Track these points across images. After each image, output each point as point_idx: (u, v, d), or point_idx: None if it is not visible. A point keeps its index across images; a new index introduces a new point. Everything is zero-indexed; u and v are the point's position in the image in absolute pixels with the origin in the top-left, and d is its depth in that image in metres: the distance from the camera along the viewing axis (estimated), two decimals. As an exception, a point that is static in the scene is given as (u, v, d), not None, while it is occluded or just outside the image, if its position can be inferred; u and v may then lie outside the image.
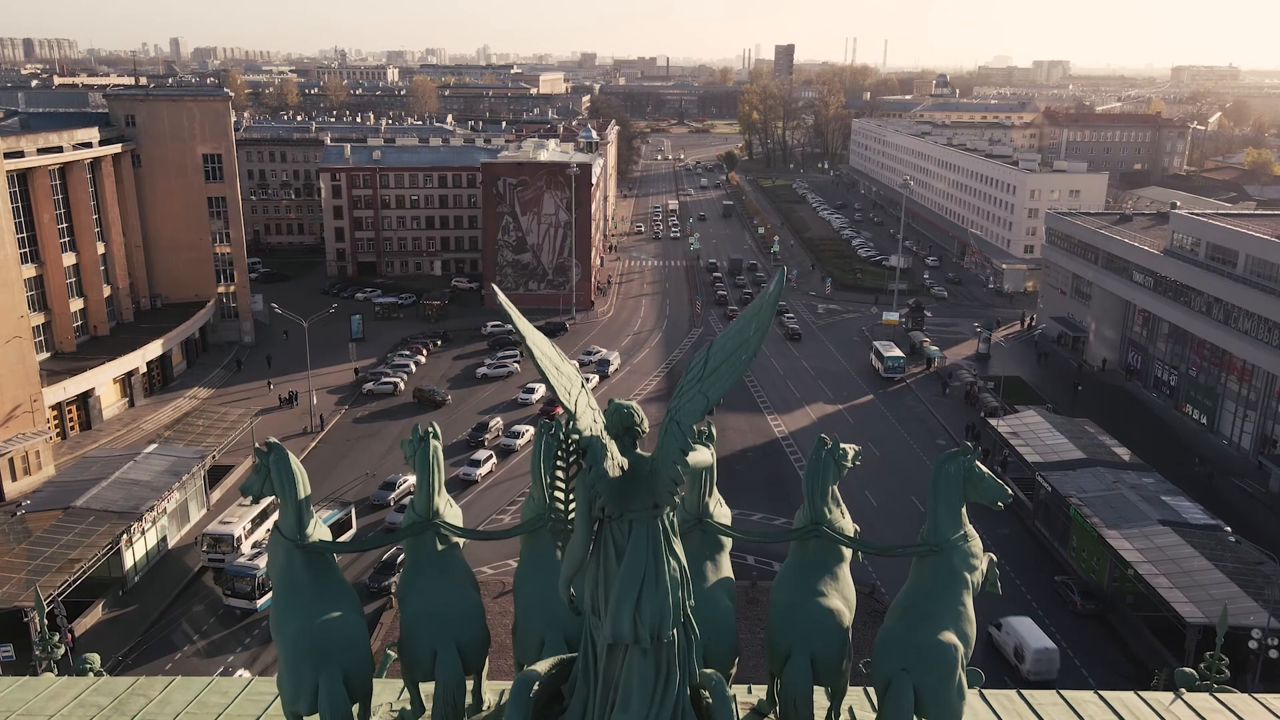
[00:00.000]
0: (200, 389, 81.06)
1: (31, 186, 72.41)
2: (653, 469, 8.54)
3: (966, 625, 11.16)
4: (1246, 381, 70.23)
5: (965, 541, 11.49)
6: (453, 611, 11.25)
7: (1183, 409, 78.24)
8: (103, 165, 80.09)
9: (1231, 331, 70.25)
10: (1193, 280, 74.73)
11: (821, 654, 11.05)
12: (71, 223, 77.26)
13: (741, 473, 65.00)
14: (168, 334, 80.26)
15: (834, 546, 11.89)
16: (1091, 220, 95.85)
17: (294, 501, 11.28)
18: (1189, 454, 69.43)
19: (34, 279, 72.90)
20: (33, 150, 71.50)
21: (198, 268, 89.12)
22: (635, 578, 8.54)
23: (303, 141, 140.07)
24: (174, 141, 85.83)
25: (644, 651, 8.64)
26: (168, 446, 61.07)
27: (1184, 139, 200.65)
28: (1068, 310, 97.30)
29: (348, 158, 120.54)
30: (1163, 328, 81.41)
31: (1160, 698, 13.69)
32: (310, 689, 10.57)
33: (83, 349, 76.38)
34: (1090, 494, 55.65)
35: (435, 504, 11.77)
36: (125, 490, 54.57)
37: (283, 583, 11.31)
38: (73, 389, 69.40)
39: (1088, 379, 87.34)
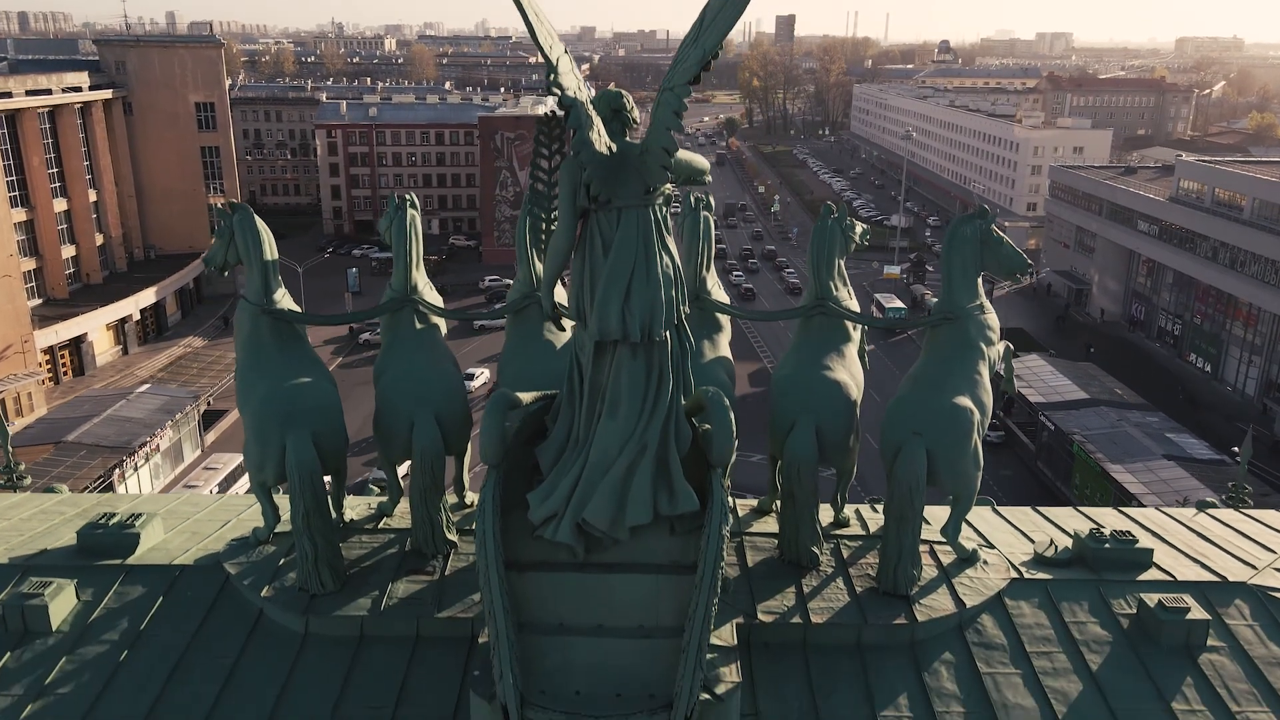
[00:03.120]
0: (195, 338, 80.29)
1: (20, 129, 71.36)
2: (644, 148, 7.73)
3: (983, 394, 10.42)
4: (1252, 326, 69.49)
5: (981, 312, 10.75)
6: (431, 383, 10.50)
7: (1186, 357, 77.57)
8: (93, 111, 78.96)
9: (1238, 276, 69.46)
10: (1199, 226, 73.83)
11: (827, 425, 10.32)
12: (62, 168, 76.31)
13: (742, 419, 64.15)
14: (161, 282, 79.42)
15: (840, 324, 11.15)
16: (1096, 173, 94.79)
17: (260, 264, 10.51)
18: (1192, 399, 68.81)
19: (24, 224, 72.01)
20: (21, 91, 70.40)
21: (192, 218, 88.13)
22: (624, 269, 7.74)
23: (298, 100, 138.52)
24: (166, 89, 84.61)
25: (633, 351, 7.86)
26: (161, 387, 60.44)
27: (1188, 104, 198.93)
28: (1070, 264, 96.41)
29: (344, 114, 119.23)
30: (1167, 277, 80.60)
31: (1183, 512, 12.97)
32: (277, 451, 9.84)
33: (75, 296, 75.65)
34: (1094, 431, 55.02)
35: (413, 279, 10.99)
36: (118, 426, 53.92)
37: (249, 351, 10.56)
38: (65, 333, 68.66)
39: (1087, 330, 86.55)
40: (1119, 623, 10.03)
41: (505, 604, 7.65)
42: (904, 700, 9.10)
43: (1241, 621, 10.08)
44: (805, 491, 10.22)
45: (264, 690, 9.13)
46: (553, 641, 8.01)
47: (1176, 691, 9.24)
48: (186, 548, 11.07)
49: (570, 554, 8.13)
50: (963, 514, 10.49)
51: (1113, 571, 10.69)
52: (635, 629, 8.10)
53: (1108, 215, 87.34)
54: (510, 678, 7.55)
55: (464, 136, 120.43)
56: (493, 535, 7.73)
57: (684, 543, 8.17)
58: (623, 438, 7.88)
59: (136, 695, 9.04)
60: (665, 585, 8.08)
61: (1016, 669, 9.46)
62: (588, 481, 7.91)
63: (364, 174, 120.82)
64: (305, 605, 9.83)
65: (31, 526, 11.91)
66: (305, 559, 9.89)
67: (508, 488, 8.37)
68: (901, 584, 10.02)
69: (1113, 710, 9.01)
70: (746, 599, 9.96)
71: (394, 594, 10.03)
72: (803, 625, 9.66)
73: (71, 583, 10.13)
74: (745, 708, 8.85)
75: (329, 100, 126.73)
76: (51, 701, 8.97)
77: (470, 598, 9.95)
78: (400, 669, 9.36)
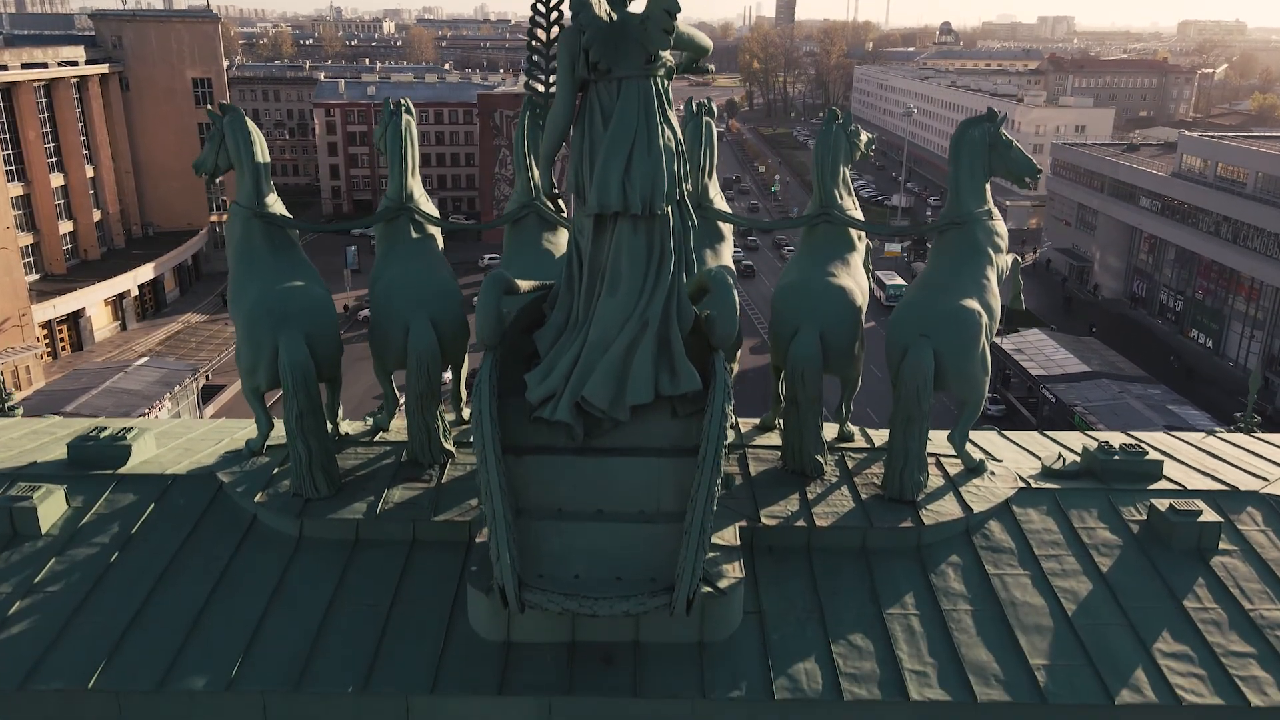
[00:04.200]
0: (193, 315, 79.99)
1: (16, 103, 70.87)
2: (646, 15, 7.48)
3: (991, 299, 10.20)
4: (1254, 301, 69.12)
5: (989, 218, 10.51)
6: (427, 287, 10.27)
7: (1187, 333, 77.22)
8: (89, 85, 78.43)
9: (1241, 250, 69.07)
10: (1202, 201, 73.35)
11: (831, 331, 10.09)
12: (59, 143, 75.84)
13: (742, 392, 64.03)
14: (160, 258, 79.10)
15: (844, 233, 10.92)
16: (1099, 150, 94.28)
17: (251, 167, 10.29)
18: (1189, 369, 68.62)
19: (21, 198, 71.61)
20: (16, 65, 69.87)
21: (190, 195, 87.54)
22: (624, 140, 7.51)
23: (296, 80, 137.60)
24: (162, 64, 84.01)
25: (634, 226, 7.63)
26: (159, 360, 60.18)
27: (1190, 86, 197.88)
28: (1072, 241, 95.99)
29: (342, 93, 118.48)
30: (1169, 253, 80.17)
31: (1192, 435, 12.77)
32: (269, 352, 9.62)
33: (73, 272, 75.34)
34: (1095, 403, 54.75)
35: (409, 186, 10.76)
36: (116, 398, 53.60)
37: (240, 256, 10.34)
38: (62, 307, 68.40)
39: (1088, 307, 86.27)
40: (1129, 528, 9.84)
41: (502, 484, 7.46)
42: (910, 599, 8.92)
43: (1254, 527, 9.89)
44: (809, 396, 10.00)
45: (257, 590, 8.95)
46: (551, 526, 7.83)
47: (1188, 591, 9.05)
48: (179, 460, 10.88)
49: (569, 437, 7.94)
50: (970, 420, 10.29)
51: (1122, 482, 10.49)
52: (636, 514, 7.92)
53: (1110, 192, 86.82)
54: (508, 559, 7.37)
55: (463, 115, 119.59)
56: (489, 414, 7.53)
57: (686, 426, 7.98)
58: (623, 315, 7.67)
59: (127, 594, 8.85)
60: (666, 469, 7.90)
61: (1025, 570, 9.28)
62: (587, 360, 7.71)
63: (363, 153, 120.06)
64: (299, 509, 9.65)
65: (21, 444, 11.72)
66: (299, 462, 9.69)
67: (505, 376, 8.17)
68: (908, 489, 9.83)
69: (1124, 609, 8.83)
70: (749, 505, 9.77)
71: (390, 499, 9.84)
72: (807, 529, 9.47)
73: (61, 488, 9.94)
74: (748, 605, 8.68)
75: (327, 79, 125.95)
76: (40, 599, 8.79)
77: (468, 503, 9.77)
78: (396, 571, 9.18)
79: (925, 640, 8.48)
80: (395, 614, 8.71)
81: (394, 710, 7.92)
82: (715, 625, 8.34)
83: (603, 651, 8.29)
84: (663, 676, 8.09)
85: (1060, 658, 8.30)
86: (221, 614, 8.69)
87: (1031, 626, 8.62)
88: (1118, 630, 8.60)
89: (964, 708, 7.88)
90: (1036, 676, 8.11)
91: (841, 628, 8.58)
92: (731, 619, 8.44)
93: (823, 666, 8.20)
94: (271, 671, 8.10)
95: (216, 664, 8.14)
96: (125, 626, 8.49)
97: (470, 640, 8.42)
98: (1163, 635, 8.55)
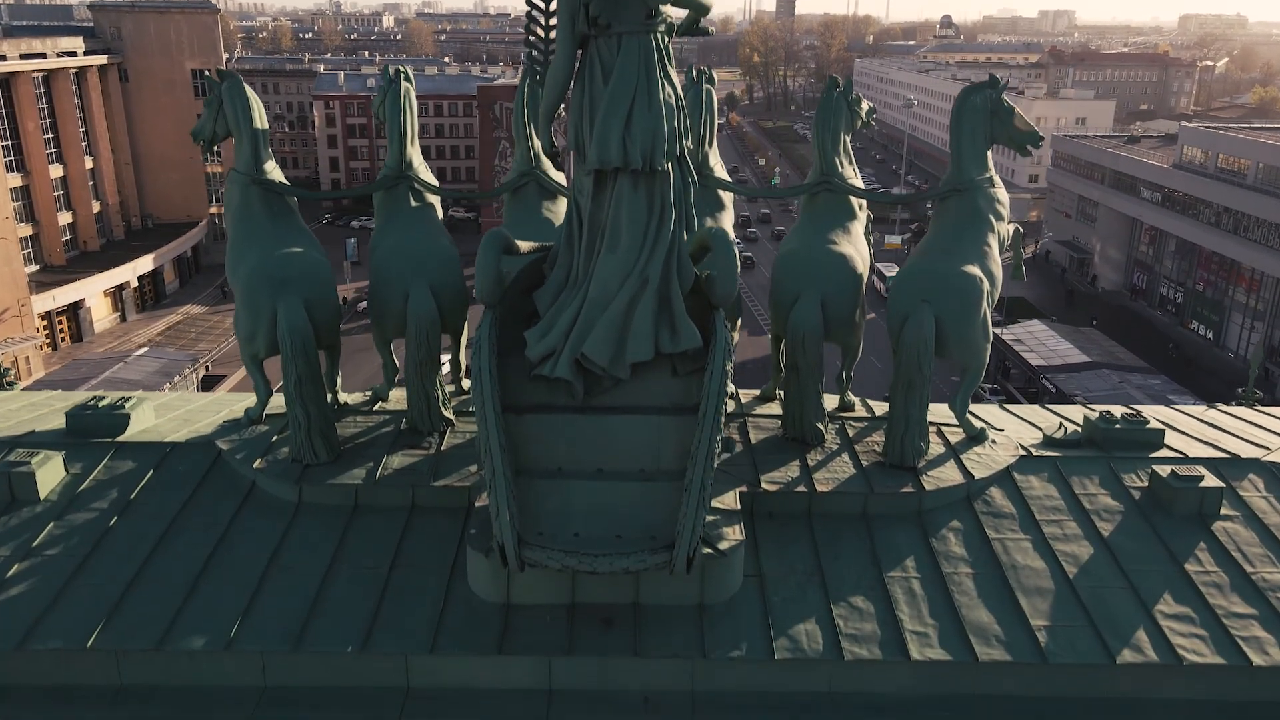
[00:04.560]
0: (193, 306, 79.88)
1: (15, 93, 70.66)
2: None
3: (992, 265, 10.17)
4: (1255, 292, 69.09)
5: (991, 185, 10.47)
6: (426, 254, 10.23)
7: (1188, 325, 77.19)
8: (88, 76, 78.18)
9: (1242, 241, 69.02)
10: (1203, 192, 73.25)
11: (832, 298, 10.05)
12: (58, 133, 75.56)
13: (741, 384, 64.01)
14: (159, 250, 78.96)
15: (845, 201, 10.88)
16: (1099, 141, 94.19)
17: (250, 133, 10.24)
18: (1193, 365, 68.56)
19: (20, 189, 71.41)
20: (15, 55, 69.65)
21: (189, 187, 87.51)
22: (625, 96, 7.46)
23: (296, 73, 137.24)
24: (162, 55, 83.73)
25: (634, 183, 7.59)
26: (159, 350, 60.14)
27: (1191, 79, 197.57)
28: (1072, 233, 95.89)
29: (341, 86, 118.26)
30: (1169, 244, 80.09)
31: (1194, 408, 12.75)
32: (268, 318, 9.58)
33: (73, 263, 75.12)
34: (1095, 393, 54.63)
35: (408, 154, 10.72)
36: (115, 388, 53.49)
37: (239, 223, 10.31)
38: (62, 298, 68.21)
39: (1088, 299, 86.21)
40: (1130, 495, 9.82)
41: (502, 441, 7.42)
42: (910, 563, 8.90)
43: (1256, 493, 9.86)
44: (810, 363, 9.97)
45: (256, 553, 8.92)
46: (551, 484, 7.81)
47: (1190, 554, 9.03)
48: (177, 430, 10.85)
49: (569, 396, 7.90)
50: (971, 387, 10.26)
51: (1124, 450, 10.47)
52: (636, 472, 7.90)
53: (1110, 184, 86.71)
54: (507, 516, 7.35)
55: (463, 108, 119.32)
56: (489, 371, 7.49)
57: (686, 384, 7.95)
58: (624, 271, 7.63)
59: (125, 557, 8.83)
60: (667, 427, 7.87)
61: (1026, 535, 9.26)
62: (587, 317, 7.68)
63: (362, 146, 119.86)
64: (298, 475, 9.62)
65: (20, 415, 11.70)
66: (298, 428, 9.66)
67: (505, 336, 8.14)
68: (909, 455, 9.80)
69: (1125, 571, 8.80)
70: (750, 471, 9.75)
71: (389, 466, 9.81)
72: (807, 494, 9.44)
73: (59, 454, 9.91)
74: (748, 569, 8.65)
75: (327, 72, 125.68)
76: (39, 562, 8.76)
77: (467, 469, 9.75)
78: (395, 535, 9.15)
79: (926, 602, 8.46)
80: (395, 577, 8.68)
81: (394, 670, 7.90)
82: (715, 587, 8.32)
83: (603, 613, 8.27)
84: (663, 637, 8.07)
85: (1061, 619, 8.28)
86: (220, 576, 8.66)
87: (1032, 589, 8.60)
88: (1119, 592, 8.57)
89: (965, 667, 7.86)
90: (1038, 637, 8.08)
91: (842, 590, 8.56)
92: (732, 581, 8.42)
93: (823, 628, 8.18)
94: (270, 632, 8.08)
95: (215, 624, 8.12)
96: (124, 588, 8.47)
97: (470, 602, 8.40)
98: (1164, 597, 8.52)
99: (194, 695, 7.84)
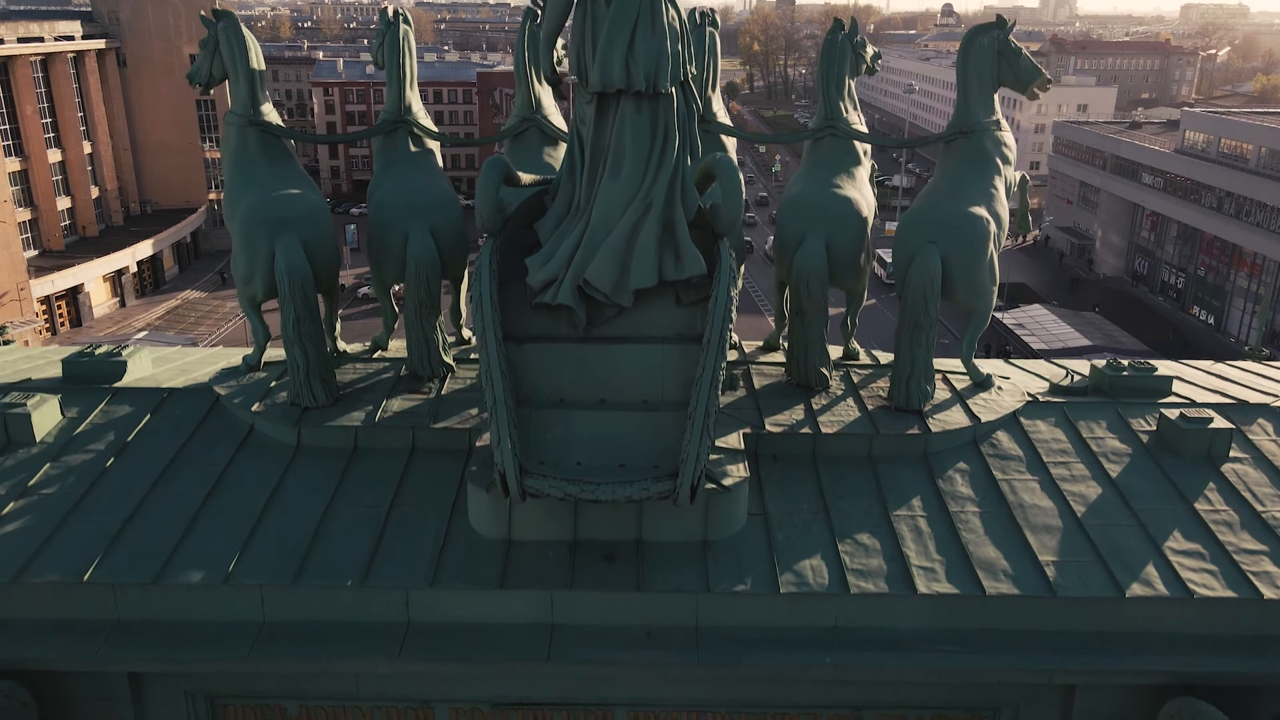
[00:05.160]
0: (192, 292, 79.70)
1: (13, 77, 70.33)
2: None
3: (999, 207, 10.02)
4: (1256, 276, 68.94)
5: (998, 128, 10.32)
6: (426, 196, 10.09)
7: (1189, 310, 77.03)
8: (86, 61, 77.81)
9: (1244, 225, 68.85)
10: (1205, 176, 73.02)
11: (837, 240, 9.92)
12: (56, 118, 75.24)
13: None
14: (158, 235, 78.76)
15: (849, 147, 10.74)
16: (1101, 128, 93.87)
17: (246, 73, 10.09)
18: (1195, 351, 68.47)
19: (19, 174, 71.16)
20: (13, 39, 69.30)
21: (188, 173, 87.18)
22: (628, 18, 7.33)
23: (295, 60, 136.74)
24: (160, 40, 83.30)
25: (637, 106, 7.46)
26: (158, 334, 60.00)
27: (1193, 67, 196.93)
28: (1074, 220, 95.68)
29: (340, 73, 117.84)
30: (1171, 230, 79.88)
31: (1201, 363, 12.64)
32: (265, 258, 9.45)
33: (72, 248, 74.87)
34: (1097, 376, 54.58)
35: (407, 98, 10.56)
36: (114, 371, 53.53)
37: (236, 165, 10.16)
38: (61, 283, 68.02)
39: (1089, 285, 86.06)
40: (1138, 438, 9.71)
41: (502, 367, 7.31)
42: (917, 502, 8.80)
43: (1265, 437, 9.76)
44: (815, 306, 9.85)
45: (254, 493, 8.82)
46: (554, 414, 7.70)
47: (1199, 494, 8.93)
48: (174, 379, 10.74)
49: (570, 326, 7.79)
50: (977, 332, 10.14)
51: (1131, 397, 10.35)
52: (639, 403, 7.79)
53: (1112, 169, 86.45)
54: (509, 444, 7.23)
55: (462, 95, 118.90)
56: (489, 296, 7.38)
57: (690, 314, 7.83)
58: (627, 196, 7.51)
59: (122, 496, 8.73)
60: (670, 356, 7.76)
61: (1033, 476, 9.15)
62: (589, 243, 7.55)
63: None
64: (297, 418, 9.51)
65: (16, 365, 11.58)
66: (297, 370, 9.54)
67: (506, 268, 8.02)
68: (914, 398, 9.69)
69: (1133, 510, 8.70)
70: (754, 414, 9.64)
71: (389, 409, 9.70)
72: (812, 436, 9.33)
73: (55, 397, 9.80)
74: (752, 508, 8.56)
75: (326, 59, 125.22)
76: (35, 500, 8.66)
77: (468, 411, 9.63)
78: (395, 477, 9.05)
79: (933, 539, 8.36)
80: (395, 515, 8.58)
81: (394, 603, 7.80)
82: (719, 523, 8.22)
83: (605, 549, 8.17)
84: (666, 572, 7.97)
85: (1070, 554, 8.18)
86: (218, 514, 8.56)
87: (1040, 527, 8.50)
88: (1128, 530, 8.47)
89: (972, 600, 7.77)
90: (1046, 572, 7.99)
91: (848, 528, 8.46)
92: (736, 518, 8.32)
93: (829, 564, 8.08)
94: (269, 567, 7.98)
95: (213, 560, 8.03)
96: (121, 525, 8.37)
97: (471, 539, 8.30)
98: (1173, 535, 8.42)
99: (192, 630, 7.74)
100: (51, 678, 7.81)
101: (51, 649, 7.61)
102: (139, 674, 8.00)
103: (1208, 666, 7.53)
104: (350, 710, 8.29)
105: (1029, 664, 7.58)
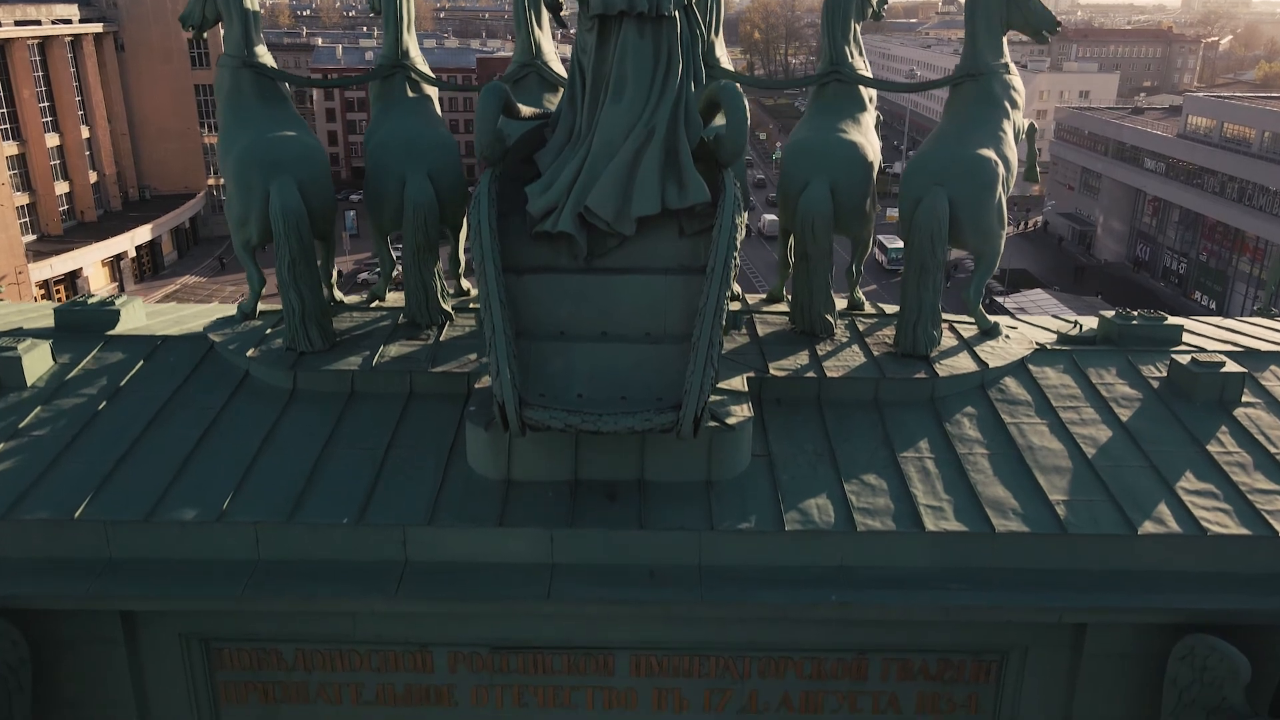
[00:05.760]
0: (191, 277, 79.52)
1: (10, 60, 69.98)
2: None
3: (1007, 150, 9.84)
4: (1259, 261, 68.71)
5: (1006, 72, 10.13)
6: (424, 140, 9.91)
7: (1191, 295, 76.81)
8: (84, 45, 77.41)
9: (1246, 209, 68.59)
10: (1208, 161, 72.72)
11: (842, 184, 9.73)
12: (54, 102, 74.90)
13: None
14: (157, 220, 78.52)
15: (855, 93, 10.55)
16: (1103, 113, 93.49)
17: (240, 14, 9.91)
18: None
19: (16, 158, 70.86)
20: (9, 22, 68.92)
21: (187, 158, 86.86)
22: (630, -63, 7.13)
23: (293, 46, 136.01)
24: (158, 24, 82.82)
25: (640, 30, 7.27)
26: (157, 317, 59.90)
27: (1195, 55, 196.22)
28: (1075, 206, 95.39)
29: (339, 58, 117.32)
30: (1173, 215, 79.61)
31: (1211, 318, 12.49)
32: (260, 200, 9.28)
33: (70, 233, 74.63)
34: (1099, 359, 54.47)
35: (404, 43, 10.37)
36: (113, 354, 53.40)
37: (230, 109, 9.98)
38: (59, 267, 67.82)
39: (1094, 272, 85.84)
40: (1149, 384, 9.55)
41: (501, 297, 7.14)
42: (924, 444, 8.64)
43: (1278, 383, 9.59)
44: (820, 250, 9.67)
45: (249, 435, 8.66)
46: (554, 347, 7.53)
47: (1211, 437, 8.77)
48: (169, 329, 10.57)
49: (571, 257, 7.61)
50: (985, 276, 9.97)
51: (1141, 346, 10.19)
52: (641, 335, 7.62)
53: (1114, 155, 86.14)
54: (508, 374, 7.06)
55: (461, 81, 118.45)
56: (488, 224, 7.21)
57: (693, 245, 7.66)
58: (629, 122, 7.32)
59: (114, 438, 8.57)
60: (673, 288, 7.59)
61: (1042, 419, 9.00)
62: (591, 170, 7.37)
63: (361, 120, 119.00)
64: (293, 362, 9.35)
65: (9, 319, 11.41)
66: (293, 314, 9.37)
67: (506, 199, 7.84)
68: (921, 343, 9.52)
69: (1145, 452, 8.54)
70: (758, 359, 9.47)
71: (386, 354, 9.54)
72: (817, 380, 9.17)
73: (47, 343, 9.63)
74: (756, 449, 8.40)
75: (324, 45, 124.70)
76: (26, 442, 8.50)
77: (467, 357, 9.47)
78: (392, 420, 8.89)
79: (941, 480, 8.20)
80: (391, 457, 8.43)
81: (391, 542, 7.65)
82: (723, 463, 8.06)
83: (607, 489, 8.02)
84: (669, 511, 7.82)
85: (1080, 494, 8.03)
86: (212, 455, 8.41)
87: (1050, 467, 8.34)
88: (1139, 471, 8.32)
89: (981, 538, 7.61)
90: (1056, 510, 7.83)
91: (854, 469, 8.30)
92: (740, 458, 8.16)
93: (835, 503, 7.93)
94: (264, 505, 7.83)
95: (207, 498, 7.87)
96: (113, 465, 8.21)
97: (470, 479, 8.15)
98: (1186, 475, 8.27)
99: (185, 568, 7.59)
100: (43, 618, 7.66)
101: (41, 587, 7.45)
102: (132, 616, 7.86)
103: (1221, 604, 7.38)
104: (347, 654, 8.15)
105: (1039, 602, 7.43)
